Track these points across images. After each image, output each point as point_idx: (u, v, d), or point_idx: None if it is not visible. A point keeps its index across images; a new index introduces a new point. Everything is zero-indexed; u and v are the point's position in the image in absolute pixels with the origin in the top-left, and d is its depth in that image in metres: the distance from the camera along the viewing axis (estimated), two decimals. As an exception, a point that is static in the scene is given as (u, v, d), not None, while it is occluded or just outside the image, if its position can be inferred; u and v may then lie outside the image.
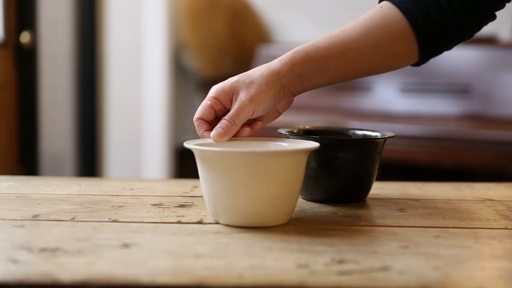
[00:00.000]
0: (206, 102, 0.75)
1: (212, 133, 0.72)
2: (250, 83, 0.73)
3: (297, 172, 0.67)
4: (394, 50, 0.76)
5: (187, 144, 0.68)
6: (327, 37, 0.76)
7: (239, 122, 0.73)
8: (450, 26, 0.76)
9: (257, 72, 0.75)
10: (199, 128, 0.75)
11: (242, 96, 0.73)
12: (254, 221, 0.65)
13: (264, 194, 0.64)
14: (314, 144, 0.68)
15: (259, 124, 0.76)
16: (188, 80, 3.27)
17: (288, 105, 0.77)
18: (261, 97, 0.73)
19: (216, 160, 0.64)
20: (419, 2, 0.75)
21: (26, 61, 2.60)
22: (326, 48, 0.75)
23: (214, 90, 0.75)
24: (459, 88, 2.28)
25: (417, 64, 0.80)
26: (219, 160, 0.64)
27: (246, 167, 0.63)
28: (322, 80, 0.76)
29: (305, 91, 0.77)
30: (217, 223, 0.68)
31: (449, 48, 0.79)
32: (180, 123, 3.20)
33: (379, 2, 0.79)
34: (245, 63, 2.99)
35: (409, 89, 2.38)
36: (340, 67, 0.76)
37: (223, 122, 0.72)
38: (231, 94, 0.74)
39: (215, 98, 0.74)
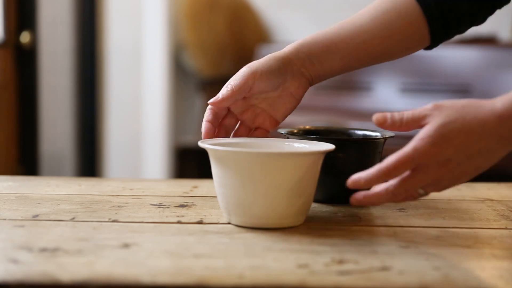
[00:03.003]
0: None
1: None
2: None
3: (313, 174, 0.66)
4: (405, 33, 0.75)
5: (202, 144, 0.67)
6: (336, 24, 0.76)
7: (236, 87, 0.72)
8: (461, 9, 0.75)
9: None
10: None
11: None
12: (269, 222, 0.65)
13: (279, 195, 0.64)
14: (330, 146, 0.68)
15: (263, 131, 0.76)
16: (188, 80, 3.27)
17: (301, 88, 0.75)
18: (259, 62, 0.73)
19: (231, 160, 0.64)
20: None
21: (26, 61, 2.60)
22: (334, 32, 0.75)
23: None
24: (459, 88, 2.28)
25: (429, 47, 0.79)
26: (234, 161, 0.64)
27: (261, 167, 0.63)
28: (334, 63, 0.75)
29: (321, 77, 0.76)
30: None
31: (461, 31, 0.78)
32: (180, 123, 3.20)
33: None
34: (245, 63, 2.97)
35: (409, 89, 2.38)
36: (351, 50, 0.75)
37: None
38: None
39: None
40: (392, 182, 0.60)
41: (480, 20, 0.78)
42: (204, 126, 0.73)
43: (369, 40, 0.75)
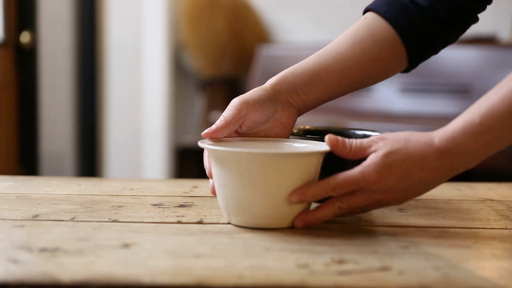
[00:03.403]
0: None
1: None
2: None
3: (313, 174, 0.66)
4: (384, 58, 0.77)
5: (202, 144, 0.67)
6: (314, 54, 0.77)
7: (229, 117, 0.71)
8: (436, 32, 0.77)
9: None
10: None
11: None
12: (269, 222, 0.65)
13: (279, 195, 0.64)
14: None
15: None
16: (188, 80, 3.27)
17: (292, 118, 0.75)
18: (249, 93, 0.73)
19: (231, 160, 0.64)
20: (404, 11, 0.76)
21: (26, 61, 2.60)
22: (315, 62, 0.76)
23: None
24: (459, 88, 2.28)
25: (406, 70, 0.80)
26: (234, 161, 0.64)
27: (261, 168, 0.63)
28: (319, 93, 0.76)
29: (307, 107, 0.76)
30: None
31: (436, 52, 0.80)
32: (180, 123, 3.20)
33: (364, 14, 0.79)
34: (245, 63, 2.98)
35: (409, 89, 2.38)
36: (333, 78, 0.75)
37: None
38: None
39: None
40: (338, 197, 0.65)
41: (453, 39, 0.80)
42: (206, 162, 0.72)
43: (350, 67, 0.75)
